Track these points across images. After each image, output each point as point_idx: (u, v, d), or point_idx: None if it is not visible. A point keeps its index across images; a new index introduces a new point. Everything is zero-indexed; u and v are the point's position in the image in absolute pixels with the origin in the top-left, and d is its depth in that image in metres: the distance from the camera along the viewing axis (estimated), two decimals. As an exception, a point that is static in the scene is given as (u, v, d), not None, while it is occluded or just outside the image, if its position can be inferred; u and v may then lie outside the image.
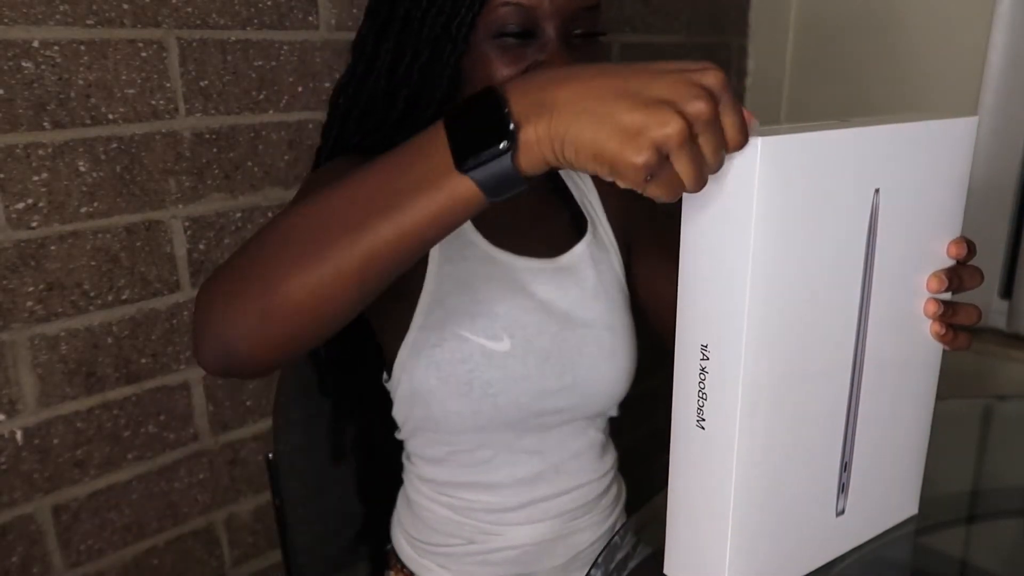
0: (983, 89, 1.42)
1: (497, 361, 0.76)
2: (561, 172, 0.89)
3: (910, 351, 0.62)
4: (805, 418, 0.54)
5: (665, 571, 0.57)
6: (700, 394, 0.51)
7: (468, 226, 0.78)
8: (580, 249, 0.84)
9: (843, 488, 0.59)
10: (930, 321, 0.60)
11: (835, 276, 0.53)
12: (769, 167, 0.45)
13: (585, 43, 0.71)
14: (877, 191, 0.54)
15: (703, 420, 0.51)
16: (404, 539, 0.88)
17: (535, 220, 0.84)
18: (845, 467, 0.59)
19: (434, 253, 0.76)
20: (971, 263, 0.61)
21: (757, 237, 0.46)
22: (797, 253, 0.49)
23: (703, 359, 0.50)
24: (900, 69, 1.54)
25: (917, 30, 1.51)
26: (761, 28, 1.74)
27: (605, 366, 0.82)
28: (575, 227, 0.87)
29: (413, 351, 0.76)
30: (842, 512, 0.60)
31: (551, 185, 0.87)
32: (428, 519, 0.85)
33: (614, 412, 0.89)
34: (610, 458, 0.91)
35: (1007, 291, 1.50)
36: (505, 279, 0.79)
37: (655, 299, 0.89)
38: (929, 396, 0.66)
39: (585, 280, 0.83)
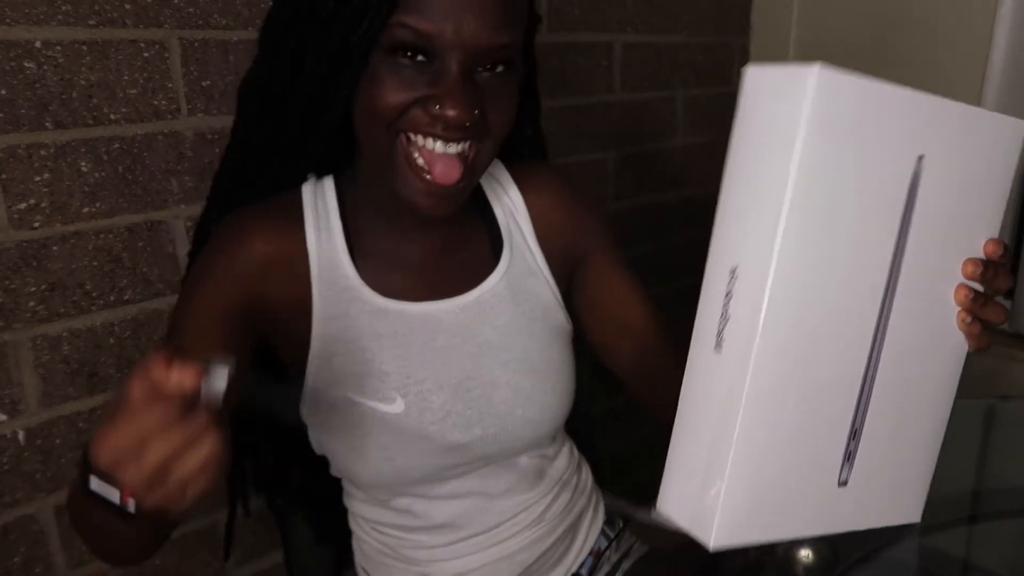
0: (985, 89, 1.42)
1: (390, 424, 0.71)
2: (486, 188, 0.81)
3: (934, 340, 0.61)
4: (822, 366, 0.53)
5: (658, 507, 0.54)
6: (723, 316, 0.51)
7: (355, 278, 0.72)
8: (493, 281, 0.77)
9: (849, 457, 0.58)
10: (958, 310, 0.59)
11: (871, 228, 0.53)
12: (822, 97, 0.47)
13: (493, 79, 0.65)
14: (921, 158, 0.55)
15: (722, 342, 0.50)
16: (360, 569, 0.87)
17: (442, 253, 0.77)
18: (854, 435, 0.57)
19: (317, 312, 0.71)
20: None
21: (802, 160, 0.47)
22: (836, 191, 0.50)
23: (731, 281, 0.50)
24: (902, 69, 1.54)
25: (919, 30, 1.51)
26: (763, 28, 1.74)
27: (521, 411, 0.76)
28: (493, 255, 0.79)
29: (310, 411, 0.74)
30: (844, 484, 0.58)
31: (467, 207, 0.78)
32: (369, 553, 0.83)
33: (549, 442, 0.83)
34: (553, 475, 0.84)
35: (1009, 291, 1.50)
36: (398, 332, 0.73)
37: (599, 318, 0.84)
38: (946, 400, 0.65)
39: (499, 316, 0.76)
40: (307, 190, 0.74)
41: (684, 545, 0.76)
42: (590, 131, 1.45)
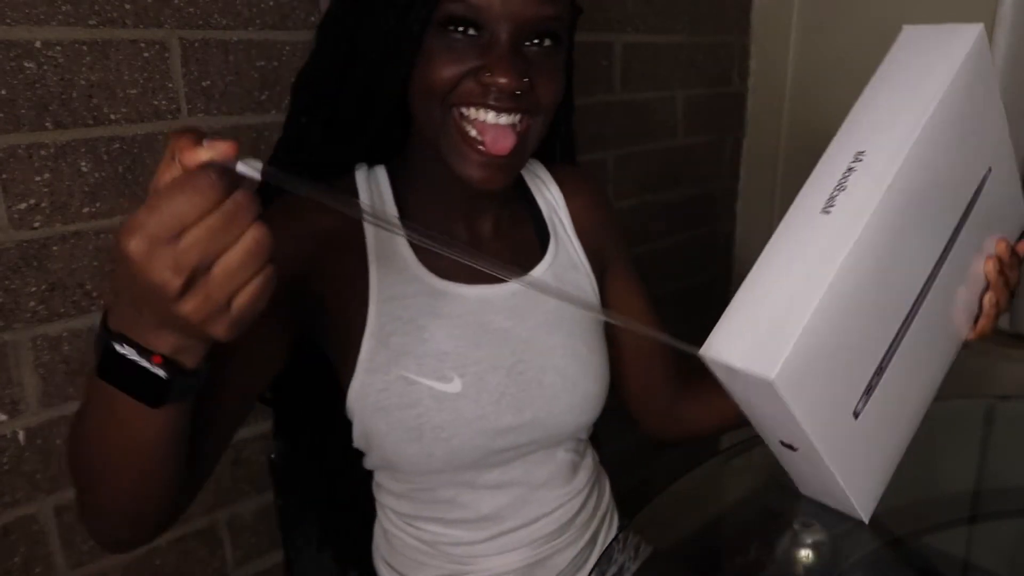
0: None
1: (448, 404, 0.72)
2: (529, 183, 0.85)
3: (944, 331, 0.69)
4: (891, 281, 0.58)
5: (705, 349, 0.54)
6: (839, 186, 0.55)
7: (412, 259, 0.74)
8: (541, 270, 0.80)
9: (868, 391, 0.59)
10: (981, 292, 0.70)
11: (952, 195, 0.61)
12: (980, 47, 0.58)
13: (541, 53, 0.68)
14: (989, 170, 0.64)
15: (831, 207, 0.54)
16: (383, 565, 0.86)
17: (492, 240, 0.80)
18: (879, 371, 0.59)
19: (374, 291, 0.72)
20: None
21: (949, 90, 0.56)
22: (951, 141, 0.58)
23: (855, 161, 0.55)
24: (902, 69, 1.54)
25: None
26: (763, 27, 1.74)
27: (567, 396, 0.78)
28: (539, 244, 0.83)
29: (361, 395, 0.73)
30: (856, 416, 0.59)
31: (514, 196, 0.83)
32: (401, 548, 0.83)
33: (583, 435, 0.85)
34: (584, 474, 0.86)
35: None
36: (454, 313, 0.74)
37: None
38: (927, 399, 0.69)
39: (547, 303, 0.79)
40: (360, 176, 0.76)
41: (687, 545, 0.77)
42: (590, 131, 1.45)
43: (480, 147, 0.67)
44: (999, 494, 0.81)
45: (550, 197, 0.85)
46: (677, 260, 1.73)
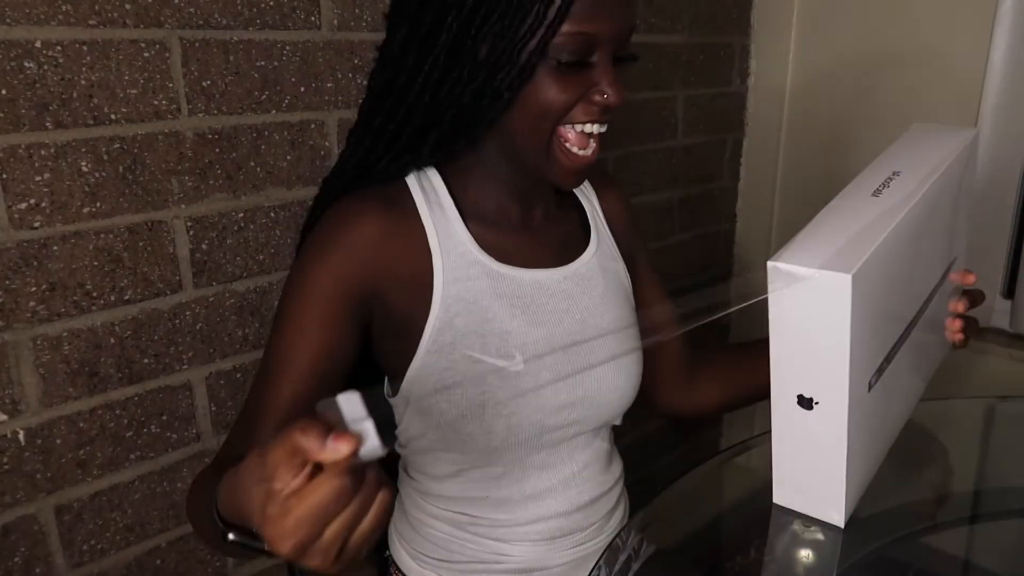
0: (985, 90, 1.42)
1: (510, 380, 0.75)
2: None
3: (934, 342, 0.79)
4: (912, 277, 0.65)
5: (770, 261, 0.58)
6: (884, 183, 0.64)
7: (471, 244, 0.77)
8: (587, 257, 0.84)
9: (879, 371, 0.62)
10: (948, 327, 0.81)
11: (941, 248, 0.72)
12: (970, 150, 0.72)
13: (624, 66, 0.72)
14: (955, 260, 0.78)
15: (879, 194, 0.63)
16: (403, 550, 0.87)
17: (544, 229, 0.84)
18: (888, 358, 0.63)
19: (438, 276, 0.75)
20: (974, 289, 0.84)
21: (948, 167, 0.68)
22: (945, 206, 0.70)
23: (894, 173, 0.66)
24: (903, 70, 1.54)
25: (920, 30, 1.51)
26: (763, 28, 1.74)
27: (614, 376, 0.82)
28: (583, 235, 0.87)
29: (421, 374, 0.75)
30: (868, 390, 0.61)
31: (559, 191, 0.87)
32: (429, 534, 0.84)
33: (618, 421, 0.88)
34: (616, 468, 0.90)
35: (1010, 291, 1.50)
36: (514, 295, 0.78)
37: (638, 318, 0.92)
38: (905, 416, 0.74)
39: (594, 289, 0.83)
40: (411, 179, 0.79)
41: (687, 544, 0.77)
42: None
43: (571, 157, 0.72)
44: (999, 494, 0.81)
45: (586, 195, 0.90)
46: (677, 260, 1.73)
